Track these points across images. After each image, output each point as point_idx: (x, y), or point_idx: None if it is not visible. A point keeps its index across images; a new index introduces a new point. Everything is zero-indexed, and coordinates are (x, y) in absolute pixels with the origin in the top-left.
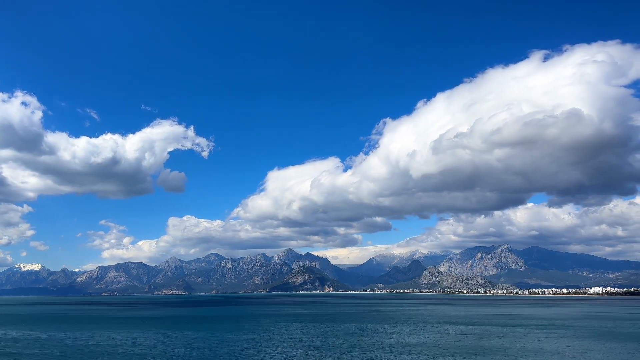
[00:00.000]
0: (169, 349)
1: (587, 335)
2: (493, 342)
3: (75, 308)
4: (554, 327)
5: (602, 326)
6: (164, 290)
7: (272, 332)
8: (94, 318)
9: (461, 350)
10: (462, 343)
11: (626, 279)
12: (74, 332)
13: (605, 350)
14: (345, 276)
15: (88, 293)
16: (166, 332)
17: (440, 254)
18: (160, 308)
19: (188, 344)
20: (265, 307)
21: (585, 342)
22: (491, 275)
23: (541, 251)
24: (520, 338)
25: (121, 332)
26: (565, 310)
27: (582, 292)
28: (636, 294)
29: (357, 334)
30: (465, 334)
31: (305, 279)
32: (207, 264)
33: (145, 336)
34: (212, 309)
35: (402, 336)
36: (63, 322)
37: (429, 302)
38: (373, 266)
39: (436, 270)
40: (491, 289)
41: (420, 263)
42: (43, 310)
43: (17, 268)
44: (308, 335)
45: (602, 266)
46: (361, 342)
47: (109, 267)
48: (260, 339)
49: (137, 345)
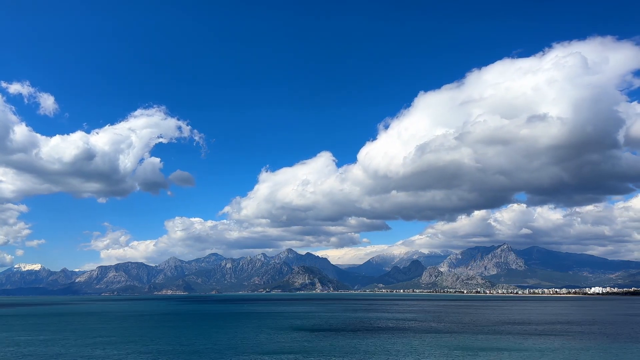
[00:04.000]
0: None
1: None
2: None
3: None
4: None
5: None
6: (164, 290)
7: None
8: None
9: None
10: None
11: (626, 279)
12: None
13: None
14: (345, 276)
15: (88, 293)
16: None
17: (440, 254)
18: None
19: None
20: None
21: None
22: (491, 275)
23: (541, 251)
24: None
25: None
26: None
27: (582, 292)
28: (636, 294)
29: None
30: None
31: (305, 279)
32: (207, 264)
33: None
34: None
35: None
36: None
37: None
38: (373, 266)
39: (436, 270)
40: (491, 289)
41: (420, 263)
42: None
43: (17, 268)
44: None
45: (602, 266)
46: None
47: (109, 267)
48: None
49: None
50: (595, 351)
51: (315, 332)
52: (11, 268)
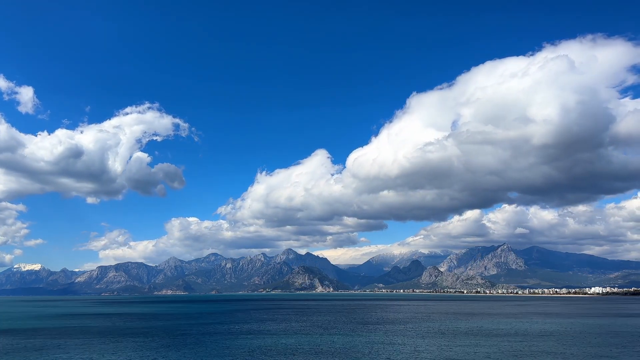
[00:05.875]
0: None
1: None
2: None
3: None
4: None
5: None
6: (164, 290)
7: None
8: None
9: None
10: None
11: (626, 279)
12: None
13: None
14: (345, 276)
15: (88, 293)
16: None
17: (440, 254)
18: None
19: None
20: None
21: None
22: (491, 275)
23: (541, 251)
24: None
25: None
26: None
27: (582, 292)
28: (636, 294)
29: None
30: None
31: (305, 279)
32: (207, 264)
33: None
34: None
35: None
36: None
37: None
38: (373, 266)
39: (436, 270)
40: (491, 289)
41: (420, 263)
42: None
43: (17, 268)
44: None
45: (602, 266)
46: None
47: (109, 267)
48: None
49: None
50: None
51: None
52: (11, 268)
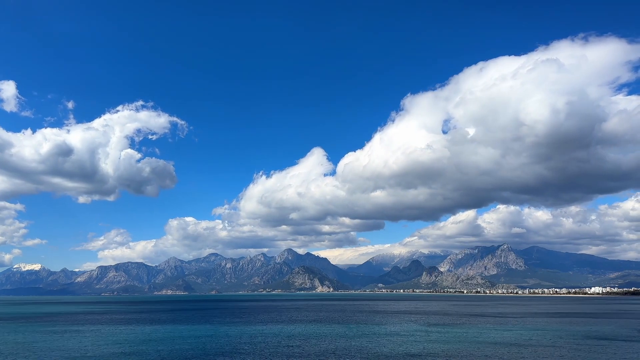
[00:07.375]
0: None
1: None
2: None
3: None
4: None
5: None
6: (164, 290)
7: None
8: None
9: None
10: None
11: (626, 278)
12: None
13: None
14: (345, 276)
15: (88, 293)
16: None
17: (440, 254)
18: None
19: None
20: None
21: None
22: (491, 275)
23: (541, 251)
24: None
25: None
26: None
27: (582, 292)
28: (636, 294)
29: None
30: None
31: (305, 279)
32: (207, 264)
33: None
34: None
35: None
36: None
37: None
38: (373, 266)
39: (436, 270)
40: (491, 289)
41: (420, 263)
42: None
43: (17, 268)
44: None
45: (602, 266)
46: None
47: (109, 267)
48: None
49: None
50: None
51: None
52: (10, 268)
